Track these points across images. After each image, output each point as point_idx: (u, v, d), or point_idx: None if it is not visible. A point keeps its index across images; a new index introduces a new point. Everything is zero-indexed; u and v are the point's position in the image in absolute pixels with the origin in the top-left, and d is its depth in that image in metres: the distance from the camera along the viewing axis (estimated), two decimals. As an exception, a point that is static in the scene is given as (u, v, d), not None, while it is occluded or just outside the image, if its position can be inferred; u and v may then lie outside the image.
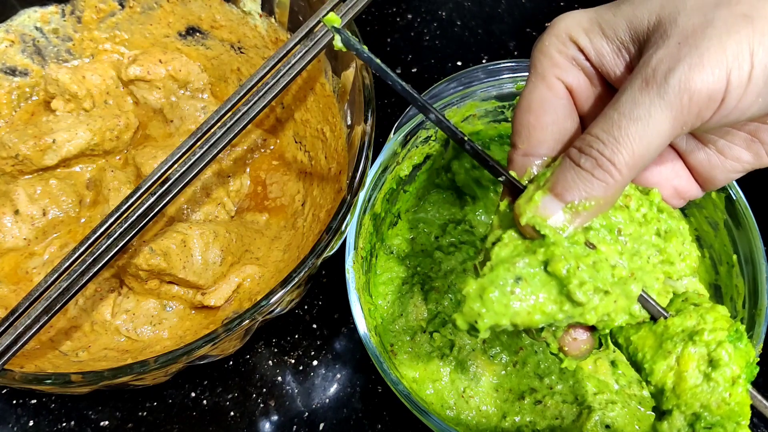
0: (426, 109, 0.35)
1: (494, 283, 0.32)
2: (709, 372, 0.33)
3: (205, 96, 0.63)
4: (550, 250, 0.32)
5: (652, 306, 0.35)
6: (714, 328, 0.33)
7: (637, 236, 0.34)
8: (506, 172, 0.36)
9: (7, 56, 0.60)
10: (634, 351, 0.36)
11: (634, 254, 0.34)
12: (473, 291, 0.32)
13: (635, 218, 0.35)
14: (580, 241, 0.33)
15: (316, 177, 0.59)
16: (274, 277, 0.54)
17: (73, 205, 0.57)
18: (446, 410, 0.50)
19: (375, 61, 0.34)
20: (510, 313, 0.32)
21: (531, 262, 0.32)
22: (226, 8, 0.60)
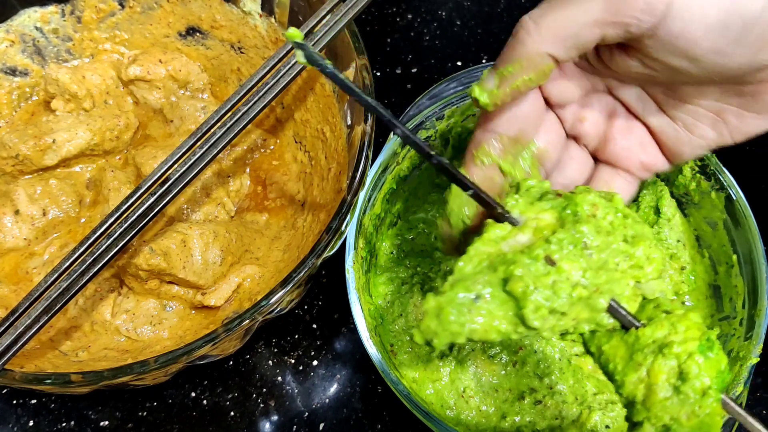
0: (393, 125, 0.35)
1: (452, 302, 0.32)
2: (678, 385, 0.33)
3: (205, 96, 0.63)
4: (509, 268, 0.32)
5: (623, 316, 0.35)
6: (685, 339, 0.33)
7: (604, 246, 0.34)
8: (475, 187, 0.35)
9: (7, 56, 0.60)
10: (606, 361, 0.36)
11: (601, 267, 0.34)
12: (432, 309, 0.33)
13: (602, 227, 0.34)
14: (540, 256, 0.32)
15: (316, 177, 0.59)
16: (274, 277, 0.54)
17: (73, 205, 0.57)
18: (446, 410, 0.50)
19: (339, 76, 0.34)
20: (466, 332, 0.32)
21: (491, 280, 0.32)
22: (226, 8, 0.60)
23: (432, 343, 0.33)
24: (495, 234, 0.35)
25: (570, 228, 0.33)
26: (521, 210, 0.35)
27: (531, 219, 0.35)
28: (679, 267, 0.54)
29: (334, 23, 0.49)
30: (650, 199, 0.54)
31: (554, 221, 0.35)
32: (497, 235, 0.35)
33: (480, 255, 0.34)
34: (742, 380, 0.46)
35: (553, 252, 0.33)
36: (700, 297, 0.54)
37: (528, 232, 0.34)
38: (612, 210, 0.35)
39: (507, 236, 0.35)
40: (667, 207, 0.54)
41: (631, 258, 0.35)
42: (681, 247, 0.54)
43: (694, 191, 0.54)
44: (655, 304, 0.36)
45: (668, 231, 0.54)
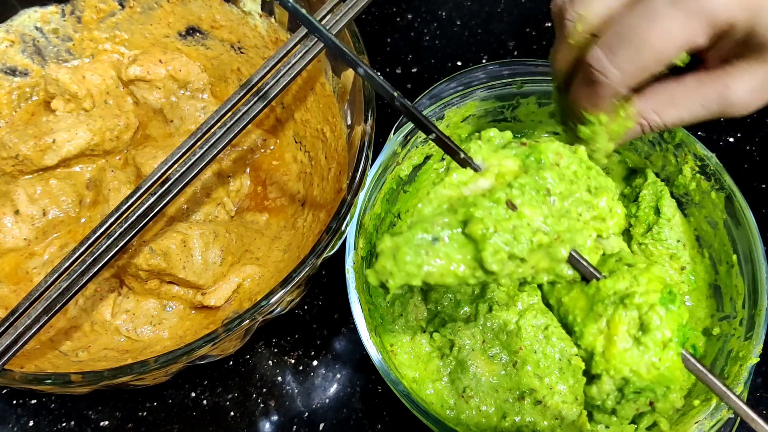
0: (355, 63, 0.34)
1: (410, 242, 0.31)
2: (639, 336, 0.32)
3: (205, 96, 0.63)
4: (469, 210, 0.31)
5: (584, 267, 0.34)
6: (646, 291, 0.32)
7: (567, 194, 0.33)
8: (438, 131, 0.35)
9: (7, 56, 0.60)
10: (565, 313, 0.35)
11: (563, 215, 0.33)
12: (387, 248, 0.32)
13: (566, 175, 0.34)
14: (501, 200, 0.32)
15: (316, 177, 0.59)
16: (274, 277, 0.54)
17: (73, 205, 0.57)
18: (446, 410, 0.50)
19: (300, 11, 0.33)
20: (422, 274, 0.31)
21: (451, 222, 0.31)
22: (226, 8, 0.60)
23: (387, 284, 0.32)
24: (456, 178, 0.34)
25: (533, 174, 0.33)
26: (484, 156, 0.35)
27: (494, 165, 0.34)
28: (679, 267, 0.54)
29: (334, 23, 0.49)
30: (650, 199, 0.54)
31: (517, 168, 0.34)
32: (459, 179, 0.34)
33: (440, 198, 0.33)
34: (742, 380, 0.46)
35: (515, 196, 0.32)
36: (700, 297, 0.53)
37: (490, 177, 0.34)
38: (576, 160, 0.35)
39: (468, 181, 0.34)
40: (667, 207, 0.54)
41: (594, 209, 0.34)
42: (681, 247, 0.54)
43: (694, 191, 0.54)
44: (617, 257, 0.35)
45: (668, 231, 0.54)
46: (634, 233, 0.55)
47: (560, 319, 0.36)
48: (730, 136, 0.71)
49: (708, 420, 0.45)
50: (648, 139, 0.56)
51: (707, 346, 0.51)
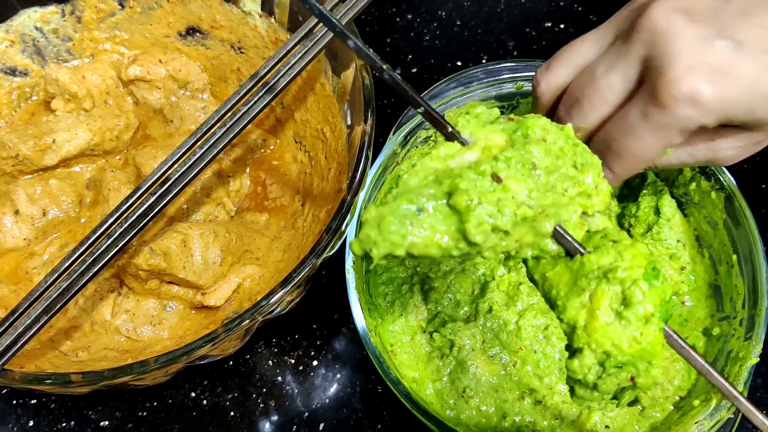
0: (345, 36, 0.34)
1: (394, 212, 0.31)
2: (621, 310, 0.32)
3: (205, 96, 0.63)
4: (455, 182, 0.31)
5: (569, 242, 0.34)
6: (630, 266, 0.32)
7: (553, 168, 0.33)
8: (426, 104, 0.35)
9: (7, 56, 0.60)
10: (549, 287, 0.35)
11: (549, 189, 0.33)
12: (372, 218, 0.32)
13: (552, 151, 0.34)
14: (486, 172, 0.32)
15: (316, 177, 0.59)
16: (274, 277, 0.54)
17: (73, 205, 0.57)
18: (446, 410, 0.50)
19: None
20: (406, 245, 0.31)
21: (436, 193, 0.32)
22: (226, 8, 0.60)
23: (370, 254, 0.32)
24: (443, 151, 0.34)
25: (519, 148, 0.33)
26: (472, 131, 0.35)
27: (481, 139, 0.34)
28: (679, 267, 0.54)
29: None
30: (650, 199, 0.54)
31: (504, 143, 0.34)
32: (446, 152, 0.34)
33: (427, 170, 0.33)
34: (742, 380, 0.45)
35: (500, 170, 0.32)
36: (700, 297, 0.53)
37: (476, 150, 0.34)
38: (563, 136, 0.35)
39: (455, 154, 0.34)
40: (667, 207, 0.54)
41: (580, 185, 0.34)
42: (681, 247, 0.54)
43: (694, 191, 0.54)
44: (603, 233, 0.35)
45: (668, 231, 0.54)
46: (633, 233, 0.54)
47: (544, 294, 0.35)
48: (730, 136, 0.71)
49: (708, 420, 0.45)
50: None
51: (707, 347, 0.51)
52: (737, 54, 0.36)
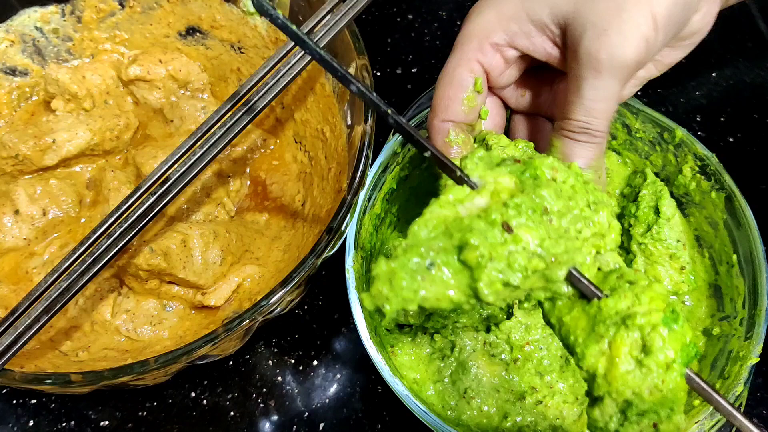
0: (347, 80, 0.34)
1: (405, 267, 0.31)
2: (641, 358, 0.31)
3: (205, 96, 0.63)
4: (465, 236, 0.31)
5: (585, 285, 0.33)
6: (649, 310, 0.32)
7: (566, 211, 0.33)
8: (433, 148, 0.34)
9: (7, 56, 0.60)
10: (566, 333, 0.34)
11: (562, 235, 0.32)
12: (383, 273, 0.31)
13: (564, 192, 0.33)
14: (497, 221, 0.31)
15: (316, 177, 0.59)
16: (274, 277, 0.54)
17: (73, 205, 0.57)
18: (447, 411, 0.50)
19: (291, 28, 0.33)
20: (418, 299, 0.31)
21: (446, 247, 0.31)
22: (226, 8, 0.60)
23: (383, 309, 0.31)
24: (452, 196, 0.33)
25: (530, 192, 0.32)
26: (480, 174, 0.34)
27: (489, 183, 0.34)
28: (679, 267, 0.54)
29: (334, 23, 0.49)
30: (650, 199, 0.54)
31: (513, 186, 0.34)
32: (455, 197, 0.33)
33: (436, 218, 0.32)
34: (742, 380, 0.45)
35: (511, 217, 0.31)
36: (700, 297, 0.53)
37: (486, 195, 0.33)
38: (572, 174, 0.34)
39: (464, 199, 0.33)
40: (667, 207, 0.54)
41: (594, 225, 0.34)
42: (681, 247, 0.54)
43: (695, 191, 0.54)
44: (619, 274, 0.34)
45: (668, 231, 0.53)
46: (633, 233, 0.54)
47: (561, 339, 0.35)
48: (730, 136, 0.71)
49: (708, 420, 0.45)
50: (648, 139, 0.56)
51: (707, 346, 0.51)
52: None
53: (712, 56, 0.77)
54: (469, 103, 0.44)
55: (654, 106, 0.56)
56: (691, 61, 0.77)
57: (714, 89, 0.75)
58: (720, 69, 0.76)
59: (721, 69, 0.76)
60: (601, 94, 0.39)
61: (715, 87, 0.75)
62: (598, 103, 0.39)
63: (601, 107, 0.40)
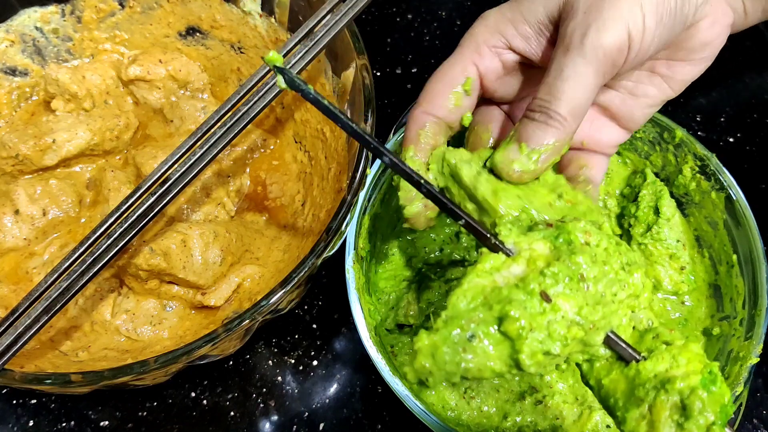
0: (379, 152, 0.35)
1: (447, 341, 0.31)
2: (682, 422, 0.32)
3: (205, 96, 0.63)
4: (505, 308, 0.31)
5: (622, 348, 0.34)
6: (687, 373, 0.32)
7: (601, 276, 0.33)
8: (467, 216, 0.35)
9: (7, 56, 0.60)
10: (606, 395, 0.35)
11: (599, 301, 0.33)
12: (425, 347, 0.32)
13: (599, 256, 0.33)
14: (535, 291, 0.32)
15: (316, 177, 0.59)
16: (274, 277, 0.54)
17: (73, 205, 0.57)
18: (447, 411, 0.50)
19: (322, 102, 0.33)
20: (460, 371, 0.32)
21: (486, 318, 0.32)
22: (226, 8, 0.60)
23: (426, 383, 0.32)
24: (488, 265, 0.34)
25: (565, 259, 0.32)
26: (515, 240, 0.35)
27: (524, 249, 0.34)
28: (679, 267, 0.54)
29: (334, 23, 0.49)
30: (650, 199, 0.54)
31: (548, 252, 0.34)
32: (492, 265, 0.34)
33: (474, 289, 0.33)
34: (742, 380, 0.46)
35: (549, 286, 0.32)
36: (700, 297, 0.53)
37: (522, 262, 0.34)
38: (605, 237, 0.34)
39: (501, 267, 0.34)
40: (667, 207, 0.54)
41: (629, 287, 0.34)
42: (681, 247, 0.54)
43: (695, 191, 0.54)
44: (654, 334, 0.35)
45: (668, 231, 0.54)
46: (633, 233, 0.55)
47: (601, 400, 0.35)
48: (730, 136, 0.71)
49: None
50: (648, 139, 0.56)
51: (707, 347, 0.51)
52: None
53: (711, 56, 0.77)
54: (455, 102, 0.43)
55: (654, 106, 0.56)
56: (690, 61, 0.77)
57: (714, 89, 0.75)
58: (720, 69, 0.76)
59: (721, 69, 0.76)
60: (566, 73, 0.37)
61: (715, 87, 0.75)
62: (561, 82, 0.37)
63: (564, 88, 0.37)
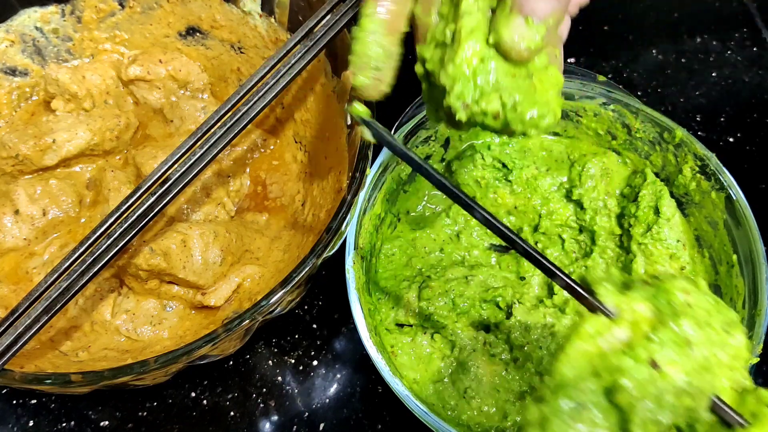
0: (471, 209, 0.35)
1: (556, 412, 0.31)
2: None
3: (205, 96, 0.63)
4: (615, 378, 0.31)
5: (728, 414, 0.33)
6: None
7: (706, 340, 0.33)
8: (566, 276, 0.35)
9: (7, 56, 0.60)
10: None
11: (704, 366, 0.32)
12: (535, 420, 0.32)
13: (701, 317, 0.33)
14: (644, 359, 0.31)
15: (316, 177, 0.59)
16: (274, 277, 0.54)
17: (73, 205, 0.57)
18: (447, 411, 0.50)
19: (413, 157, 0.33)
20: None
21: (595, 389, 0.32)
22: (226, 8, 0.60)
23: None
24: (591, 328, 0.33)
25: (670, 322, 0.32)
26: (615, 301, 0.34)
27: (626, 311, 0.34)
28: (678, 267, 0.54)
29: (334, 23, 0.49)
30: (650, 199, 0.54)
31: (650, 313, 0.34)
32: (594, 329, 0.33)
33: (579, 355, 0.33)
34: (743, 380, 0.45)
35: (656, 352, 0.32)
36: (700, 297, 0.53)
37: (625, 326, 0.33)
38: (703, 295, 0.34)
39: (603, 330, 0.33)
40: (667, 207, 0.54)
41: (730, 348, 0.34)
42: (681, 247, 0.54)
43: (695, 191, 0.54)
44: (755, 396, 0.34)
45: (668, 231, 0.54)
46: (633, 233, 0.55)
47: None
48: (730, 136, 0.71)
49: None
50: (648, 139, 0.56)
51: (707, 346, 0.51)
52: None
53: (711, 56, 0.77)
54: None
55: (654, 105, 0.56)
56: (690, 60, 0.77)
57: (713, 89, 0.75)
58: (719, 69, 0.76)
59: (721, 69, 0.76)
60: None
61: (715, 87, 0.75)
62: None
63: None
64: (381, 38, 0.39)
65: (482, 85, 0.36)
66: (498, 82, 0.36)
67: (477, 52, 0.36)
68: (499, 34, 0.35)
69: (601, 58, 0.77)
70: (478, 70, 0.36)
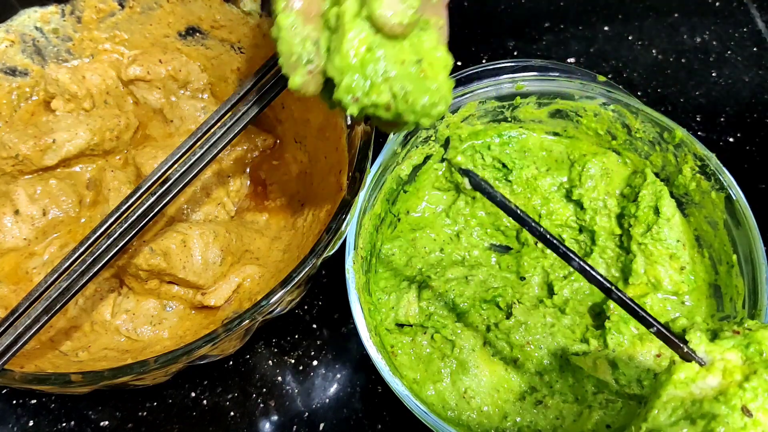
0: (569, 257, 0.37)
1: None
2: None
3: (205, 96, 0.63)
4: (710, 426, 0.32)
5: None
6: None
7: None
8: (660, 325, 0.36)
9: (7, 56, 0.59)
10: None
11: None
12: None
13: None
14: (737, 406, 0.32)
15: (316, 177, 0.59)
16: (274, 277, 0.54)
17: (73, 205, 0.57)
18: (447, 411, 0.50)
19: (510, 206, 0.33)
20: None
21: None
22: (226, 8, 0.60)
23: None
24: (683, 375, 0.35)
25: (762, 373, 0.33)
26: (706, 349, 0.35)
27: (717, 360, 0.35)
28: (678, 267, 0.54)
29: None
30: (650, 199, 0.54)
31: (741, 362, 0.35)
32: (686, 376, 0.35)
33: (673, 401, 0.34)
34: (743, 380, 0.45)
35: (749, 400, 0.32)
36: (700, 297, 0.53)
37: (717, 374, 0.34)
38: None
39: (696, 378, 0.35)
40: (667, 207, 0.54)
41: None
42: (680, 247, 0.54)
43: (694, 191, 0.54)
44: None
45: (668, 231, 0.54)
46: (633, 233, 0.55)
47: None
48: (730, 136, 0.71)
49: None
50: (648, 139, 0.56)
51: (707, 346, 0.51)
52: None
53: (711, 56, 0.77)
54: None
55: (654, 105, 0.56)
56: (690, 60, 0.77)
57: (713, 89, 0.75)
58: (719, 69, 0.76)
59: (721, 69, 0.76)
60: None
61: (715, 87, 0.75)
62: None
63: None
64: (302, 29, 0.36)
65: (371, 76, 0.34)
66: (387, 71, 0.34)
67: (363, 40, 0.34)
68: (371, 8, 0.33)
69: (601, 58, 0.77)
70: (366, 60, 0.34)
